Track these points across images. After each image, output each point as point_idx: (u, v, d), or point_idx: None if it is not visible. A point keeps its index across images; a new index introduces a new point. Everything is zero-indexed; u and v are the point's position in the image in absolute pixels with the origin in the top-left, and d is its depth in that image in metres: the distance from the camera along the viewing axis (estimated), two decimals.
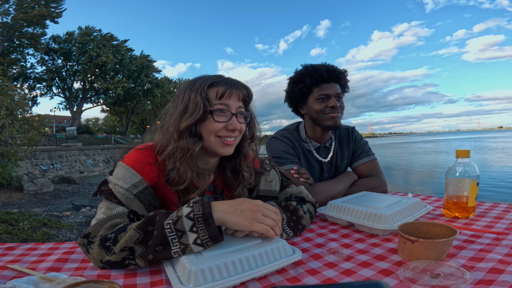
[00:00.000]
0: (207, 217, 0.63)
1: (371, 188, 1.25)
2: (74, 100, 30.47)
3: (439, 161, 19.84)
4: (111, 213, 0.72)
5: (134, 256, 0.63)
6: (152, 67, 31.56)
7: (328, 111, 1.27)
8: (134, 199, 0.75)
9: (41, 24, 22.99)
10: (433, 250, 0.63)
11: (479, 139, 55.70)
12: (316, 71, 1.28)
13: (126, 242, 0.63)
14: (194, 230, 0.62)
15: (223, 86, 0.80)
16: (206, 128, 0.80)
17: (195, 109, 0.78)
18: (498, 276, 0.55)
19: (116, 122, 44.41)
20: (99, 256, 0.65)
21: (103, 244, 0.64)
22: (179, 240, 0.61)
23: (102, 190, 0.77)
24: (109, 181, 0.77)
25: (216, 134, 0.80)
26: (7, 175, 8.47)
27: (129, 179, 0.76)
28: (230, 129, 0.80)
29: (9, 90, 9.68)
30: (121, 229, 0.66)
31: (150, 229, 0.63)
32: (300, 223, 0.87)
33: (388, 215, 0.83)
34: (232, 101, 0.81)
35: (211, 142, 0.81)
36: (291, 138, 1.35)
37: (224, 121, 0.80)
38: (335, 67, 1.31)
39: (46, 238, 4.45)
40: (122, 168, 0.78)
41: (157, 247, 0.61)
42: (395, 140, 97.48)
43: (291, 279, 0.61)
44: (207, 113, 0.78)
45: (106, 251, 0.64)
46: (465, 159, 0.96)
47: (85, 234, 0.68)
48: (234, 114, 0.81)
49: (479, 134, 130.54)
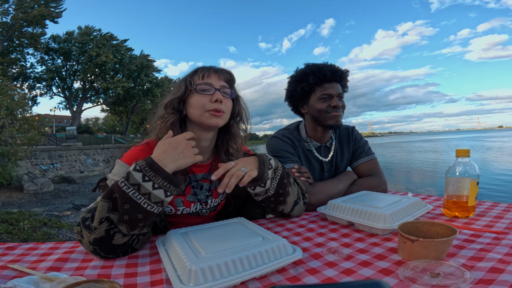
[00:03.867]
0: (152, 164, 0.70)
1: (371, 188, 1.25)
2: (74, 100, 30.46)
3: (434, 160, 19.87)
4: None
5: (115, 224, 0.69)
6: (152, 66, 31.52)
7: (330, 110, 1.28)
8: None
9: (41, 24, 22.97)
10: (433, 250, 0.63)
11: (478, 138, 55.74)
12: (319, 71, 1.29)
13: (100, 214, 0.69)
14: (147, 179, 0.69)
15: (203, 70, 0.92)
16: (193, 102, 0.88)
17: (178, 90, 0.90)
18: (498, 276, 0.55)
19: (116, 121, 44.39)
20: (86, 238, 0.70)
21: (84, 224, 0.71)
22: (140, 193, 0.68)
23: (100, 185, 0.83)
24: (107, 178, 0.83)
25: (205, 109, 0.87)
26: (7, 175, 8.46)
27: (123, 174, 0.79)
28: (213, 101, 0.86)
29: (9, 89, 9.66)
30: (94, 208, 0.72)
31: (114, 196, 0.69)
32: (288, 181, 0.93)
33: (388, 215, 0.83)
34: (213, 79, 0.90)
35: (201, 115, 0.87)
36: (291, 138, 1.35)
37: (208, 94, 0.88)
38: (338, 67, 1.32)
39: (46, 238, 4.45)
40: (118, 165, 0.84)
41: (125, 206, 0.68)
42: (394, 139, 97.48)
43: (291, 279, 0.61)
44: (189, 91, 0.89)
45: (88, 230, 0.70)
46: (465, 158, 0.96)
47: (78, 222, 0.74)
48: (218, 89, 0.89)
49: (479, 133, 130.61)
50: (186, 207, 0.95)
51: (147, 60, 30.83)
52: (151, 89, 31.24)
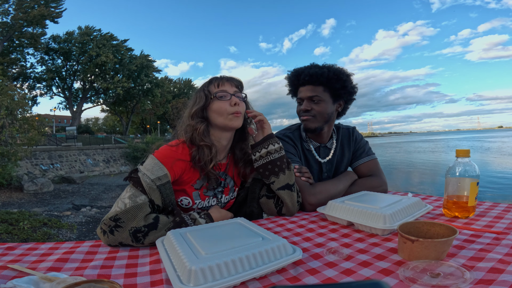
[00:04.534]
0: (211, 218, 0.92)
1: (371, 188, 1.25)
2: (74, 100, 30.47)
3: (432, 160, 19.86)
4: (137, 203, 0.84)
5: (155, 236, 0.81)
6: (152, 66, 31.53)
7: (300, 114, 1.31)
8: (156, 189, 0.87)
9: (41, 24, 22.98)
10: (433, 250, 0.63)
11: (477, 138, 55.70)
12: (296, 75, 1.31)
13: (155, 239, 0.78)
14: (203, 216, 0.91)
15: (217, 80, 1.04)
16: (215, 109, 1.00)
17: (200, 100, 1.02)
18: (498, 276, 0.55)
19: (116, 121, 44.40)
20: (124, 241, 0.78)
21: (135, 235, 0.78)
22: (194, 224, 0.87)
23: (132, 177, 0.89)
24: (139, 170, 0.90)
25: (228, 113, 0.98)
26: (7, 175, 8.46)
27: (156, 171, 0.89)
28: (233, 104, 0.99)
29: (9, 90, 9.66)
30: (152, 225, 0.81)
31: (182, 226, 0.85)
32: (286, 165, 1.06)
33: (388, 215, 0.83)
34: (227, 87, 1.02)
35: (226, 119, 0.99)
36: (293, 137, 1.35)
37: (227, 99, 1.00)
38: (318, 69, 1.28)
39: (46, 238, 4.46)
40: (152, 160, 0.92)
41: (182, 225, 0.85)
42: (394, 139, 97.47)
43: (291, 279, 0.61)
44: (209, 99, 1.01)
45: (135, 240, 0.78)
46: (465, 158, 0.96)
47: (115, 218, 0.80)
48: (232, 94, 1.01)
49: (478, 133, 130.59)
50: (202, 200, 1.04)
51: (147, 60, 30.84)
52: (151, 89, 31.25)
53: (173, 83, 37.82)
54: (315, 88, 1.27)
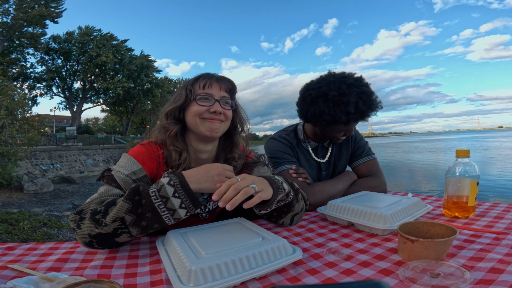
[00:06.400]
0: (184, 184, 0.72)
1: (371, 188, 1.25)
2: (74, 100, 30.45)
3: (434, 160, 19.90)
4: (107, 194, 0.79)
5: (126, 225, 0.69)
6: (152, 67, 31.53)
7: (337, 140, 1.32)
8: (132, 184, 0.82)
9: (41, 24, 22.96)
10: (433, 250, 0.63)
11: (477, 138, 55.79)
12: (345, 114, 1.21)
13: (118, 213, 0.68)
14: (176, 195, 0.70)
15: (205, 79, 0.92)
16: (191, 112, 0.89)
17: (179, 98, 0.91)
18: (498, 276, 0.55)
19: (116, 122, 44.39)
20: (88, 230, 0.70)
21: (93, 217, 0.70)
22: (165, 206, 0.69)
23: (105, 175, 0.85)
24: (112, 169, 0.85)
25: (201, 117, 0.88)
26: (7, 175, 8.46)
27: (130, 167, 0.84)
28: (212, 111, 0.88)
29: (9, 90, 9.66)
30: (110, 202, 0.72)
31: (136, 198, 0.70)
32: (298, 194, 0.90)
33: (388, 215, 0.83)
34: (214, 90, 0.90)
35: (197, 124, 0.88)
36: (289, 139, 1.36)
37: (208, 105, 0.88)
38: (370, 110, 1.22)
39: (46, 238, 4.45)
40: (125, 157, 0.87)
41: (147, 214, 0.69)
42: (394, 140, 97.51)
43: (291, 279, 0.61)
44: (189, 100, 0.90)
45: (96, 224, 0.69)
46: (465, 158, 0.96)
47: (78, 211, 0.74)
48: (217, 100, 0.89)
49: (478, 133, 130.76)
50: None
51: (147, 60, 30.84)
52: (151, 89, 31.23)
53: (173, 83, 37.82)
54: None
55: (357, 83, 1.19)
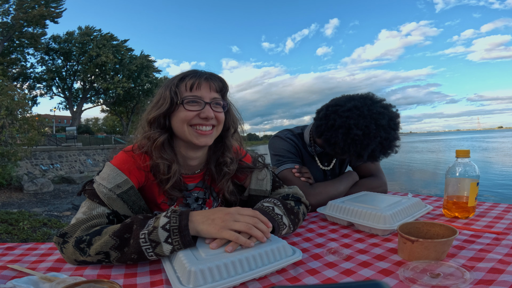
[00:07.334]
0: (182, 229, 0.63)
1: (371, 188, 1.25)
2: (74, 100, 30.46)
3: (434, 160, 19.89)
4: (91, 214, 0.73)
5: (110, 260, 0.65)
6: (152, 67, 31.56)
7: None
8: (117, 199, 0.75)
9: (41, 24, 22.97)
10: (433, 250, 0.63)
11: (477, 139, 55.75)
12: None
13: (102, 247, 0.64)
14: (169, 241, 0.62)
15: (192, 78, 0.81)
16: (178, 118, 0.80)
17: (163, 103, 0.80)
18: (498, 276, 0.55)
19: (116, 122, 44.42)
20: (73, 256, 0.67)
21: (78, 246, 0.66)
22: (153, 251, 0.63)
23: (86, 189, 0.77)
24: (94, 181, 0.77)
25: (189, 123, 0.80)
26: (7, 175, 8.46)
27: (113, 179, 0.76)
28: (202, 117, 0.79)
29: (9, 90, 9.67)
30: (96, 232, 0.67)
31: (126, 236, 0.65)
32: (298, 218, 0.85)
33: (388, 215, 0.83)
34: (203, 91, 0.81)
35: (185, 132, 0.80)
36: (295, 140, 1.34)
37: (197, 110, 0.79)
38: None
39: (46, 238, 4.45)
40: (108, 168, 0.79)
41: (132, 255, 0.64)
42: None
43: (291, 279, 0.61)
44: (175, 105, 0.79)
45: (81, 252, 0.66)
46: (465, 159, 0.96)
47: (62, 233, 0.69)
48: (208, 103, 0.80)
49: (478, 134, 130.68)
50: None
51: (147, 61, 30.86)
52: (151, 90, 31.21)
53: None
54: None
55: (389, 125, 1.06)
